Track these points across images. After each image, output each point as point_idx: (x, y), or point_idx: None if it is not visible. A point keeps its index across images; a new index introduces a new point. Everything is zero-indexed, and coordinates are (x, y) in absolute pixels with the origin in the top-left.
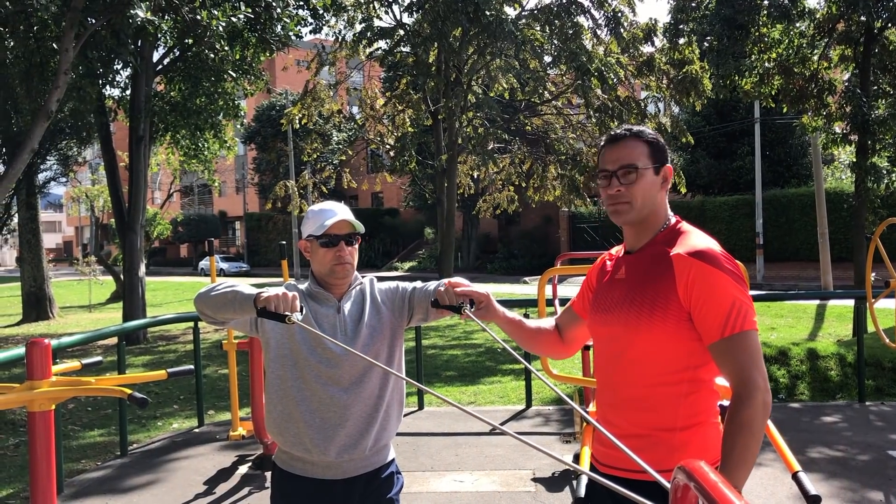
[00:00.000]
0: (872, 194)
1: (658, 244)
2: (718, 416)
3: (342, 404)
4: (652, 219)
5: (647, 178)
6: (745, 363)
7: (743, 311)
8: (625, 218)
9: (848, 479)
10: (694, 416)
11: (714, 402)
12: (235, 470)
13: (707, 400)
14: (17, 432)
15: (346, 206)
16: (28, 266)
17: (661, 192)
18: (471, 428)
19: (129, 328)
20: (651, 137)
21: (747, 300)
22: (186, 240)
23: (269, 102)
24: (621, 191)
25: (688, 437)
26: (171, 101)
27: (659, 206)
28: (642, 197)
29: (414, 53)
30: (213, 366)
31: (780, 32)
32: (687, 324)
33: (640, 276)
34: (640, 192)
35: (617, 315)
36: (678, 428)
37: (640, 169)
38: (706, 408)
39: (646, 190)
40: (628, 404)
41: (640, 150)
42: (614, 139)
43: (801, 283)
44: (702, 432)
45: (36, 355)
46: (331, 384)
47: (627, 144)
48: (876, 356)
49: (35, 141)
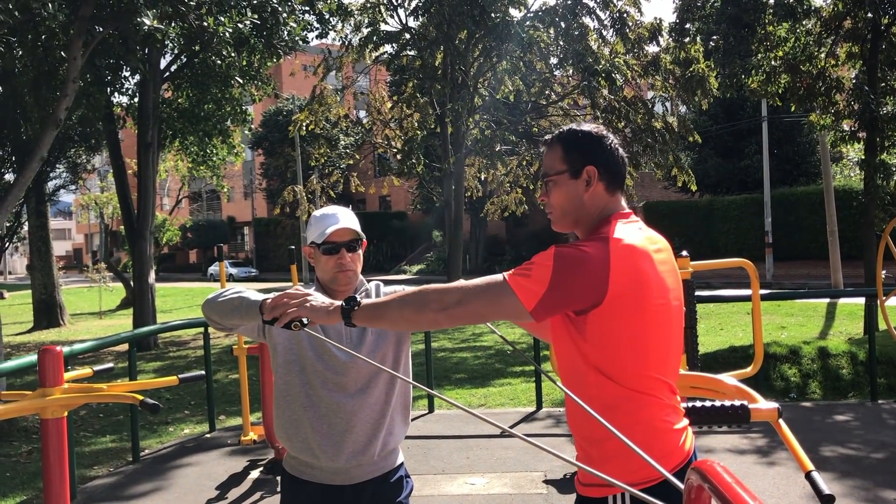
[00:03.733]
0: (882, 191)
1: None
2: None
3: (349, 410)
4: (585, 220)
5: (561, 184)
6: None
7: (528, 269)
8: (555, 226)
9: (861, 478)
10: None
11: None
12: (247, 475)
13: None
14: (30, 439)
15: (352, 210)
16: (38, 273)
17: (587, 193)
18: (482, 430)
19: (140, 334)
20: (570, 137)
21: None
22: (195, 246)
23: (277, 108)
24: (544, 200)
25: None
26: (178, 107)
27: (590, 206)
28: (560, 205)
29: (420, 57)
30: (224, 371)
31: (787, 30)
32: (564, 319)
33: None
34: (557, 200)
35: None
36: (595, 439)
37: (552, 176)
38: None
39: (563, 196)
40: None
41: (555, 155)
42: (543, 144)
43: (811, 282)
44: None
45: (48, 362)
46: (337, 391)
47: (549, 150)
48: (888, 354)
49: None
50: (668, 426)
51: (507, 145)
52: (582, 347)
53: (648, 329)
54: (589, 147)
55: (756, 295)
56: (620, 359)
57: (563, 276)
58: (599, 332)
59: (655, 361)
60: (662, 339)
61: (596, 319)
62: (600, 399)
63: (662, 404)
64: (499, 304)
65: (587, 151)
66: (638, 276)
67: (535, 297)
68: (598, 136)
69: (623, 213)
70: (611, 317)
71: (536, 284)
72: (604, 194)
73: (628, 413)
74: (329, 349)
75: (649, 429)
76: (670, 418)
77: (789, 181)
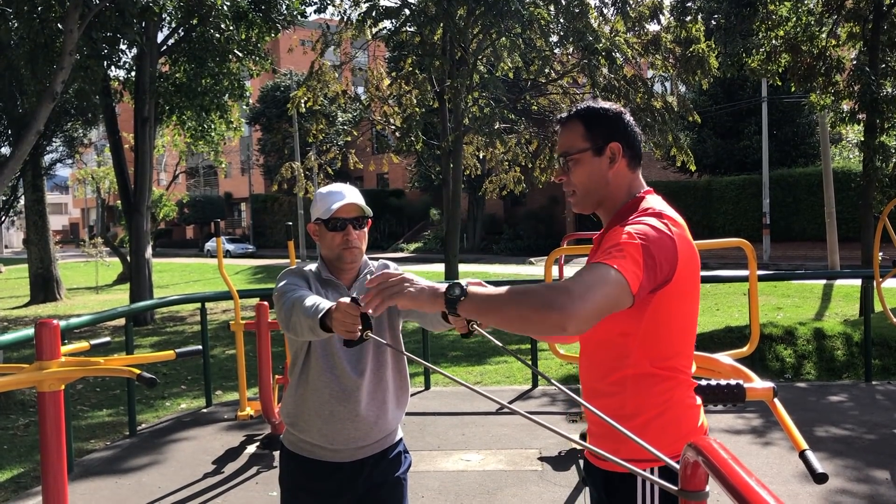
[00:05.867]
0: (880, 173)
1: (615, 220)
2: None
3: (352, 398)
4: (611, 198)
5: (584, 162)
6: (582, 278)
7: (623, 252)
8: (576, 207)
9: (854, 457)
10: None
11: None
12: (243, 449)
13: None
14: (28, 412)
15: (354, 187)
16: (35, 248)
17: (611, 170)
18: (477, 408)
19: (137, 309)
20: (591, 114)
21: (634, 249)
22: (192, 221)
23: (274, 83)
24: (564, 179)
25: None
26: (175, 82)
27: (614, 184)
28: (583, 184)
29: (419, 33)
30: (221, 346)
31: (788, 10)
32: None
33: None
34: (580, 178)
35: None
36: (626, 416)
37: (574, 155)
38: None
39: (586, 175)
40: (588, 393)
41: (576, 133)
42: (559, 123)
43: (808, 263)
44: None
45: (45, 336)
46: (342, 376)
47: (567, 128)
48: (883, 336)
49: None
50: (694, 403)
51: (506, 123)
52: (633, 327)
53: (694, 306)
54: (611, 123)
55: (753, 275)
56: (671, 337)
57: (652, 256)
58: (662, 310)
59: (691, 339)
60: (695, 316)
61: (663, 297)
62: (636, 378)
63: (689, 382)
64: (616, 295)
65: (609, 128)
66: (692, 253)
67: (637, 280)
68: (618, 112)
69: (649, 190)
70: (675, 294)
71: (636, 267)
72: (626, 172)
73: (664, 391)
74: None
75: (682, 406)
76: (694, 396)
77: (788, 162)
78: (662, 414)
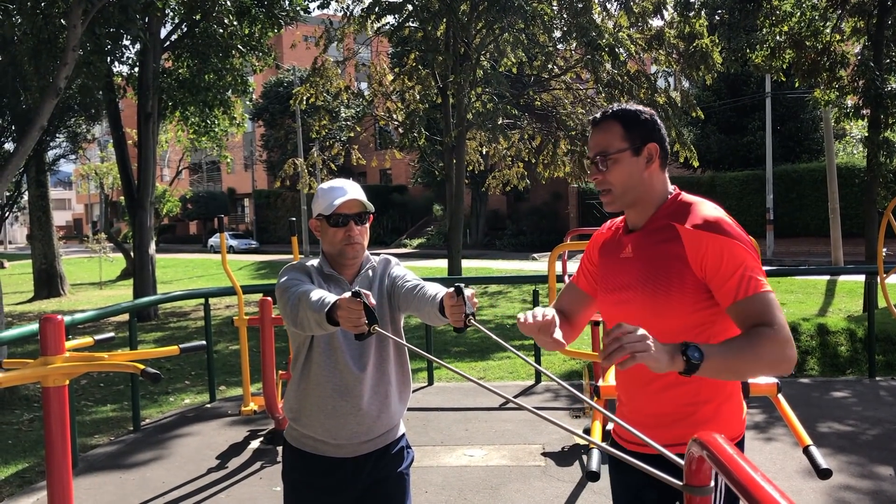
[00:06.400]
0: (885, 169)
1: (661, 219)
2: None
3: (354, 393)
4: (647, 197)
5: (623, 161)
6: (764, 312)
7: (755, 272)
8: (611, 206)
9: (857, 453)
10: (715, 389)
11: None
12: (247, 445)
13: None
14: (32, 408)
15: (357, 183)
16: (39, 243)
17: (648, 170)
18: (480, 403)
19: (141, 304)
20: (629, 115)
21: (757, 264)
22: (195, 217)
23: (277, 79)
24: (599, 178)
25: (712, 410)
26: (179, 77)
27: (650, 185)
28: (622, 182)
29: (422, 28)
30: (224, 342)
31: (792, 5)
32: (705, 294)
33: (649, 254)
34: (618, 177)
35: (633, 295)
36: (701, 402)
37: (613, 154)
38: (731, 382)
39: (625, 174)
40: (650, 384)
41: (614, 133)
42: (593, 123)
43: (812, 259)
44: (727, 405)
45: (49, 331)
46: (345, 371)
47: (603, 128)
48: (887, 331)
49: (44, 118)
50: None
51: (509, 119)
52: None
53: None
54: (648, 125)
55: None
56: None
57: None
58: None
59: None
60: None
61: None
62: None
63: None
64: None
65: (647, 129)
66: None
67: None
68: (653, 114)
69: (677, 188)
70: None
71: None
72: (659, 172)
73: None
74: (336, 332)
75: (738, 391)
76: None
77: (792, 158)
78: (730, 397)
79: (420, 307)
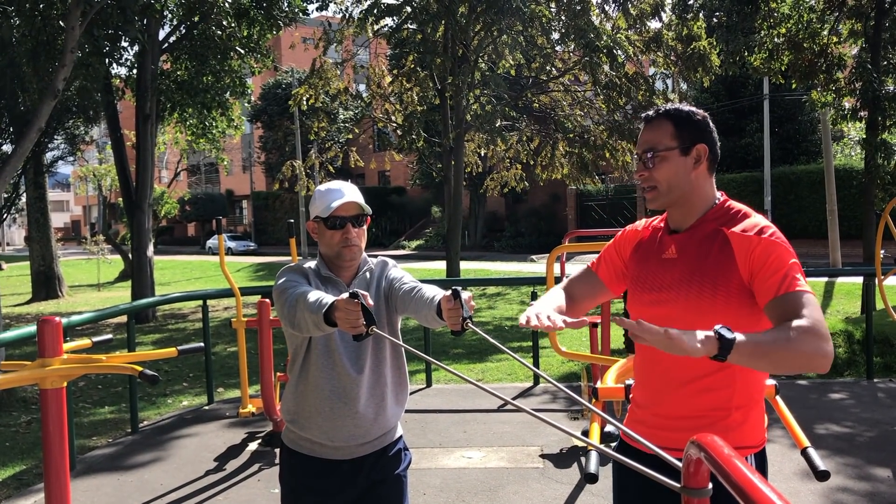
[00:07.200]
0: (882, 171)
1: (709, 222)
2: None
3: (351, 395)
4: (694, 199)
5: (671, 160)
6: (802, 308)
7: (799, 275)
8: (654, 203)
9: (855, 455)
10: (748, 395)
11: (762, 380)
12: (245, 447)
13: (759, 377)
14: (30, 409)
15: (354, 185)
16: (37, 245)
17: (695, 171)
18: (479, 405)
19: (139, 306)
20: (681, 115)
21: (801, 271)
22: (194, 219)
23: (276, 80)
24: (645, 175)
25: (742, 416)
26: (177, 79)
27: (696, 186)
28: (667, 180)
29: (421, 30)
30: (223, 343)
31: (790, 7)
32: (749, 300)
33: (695, 256)
34: (664, 175)
35: (675, 295)
36: (733, 407)
37: (661, 152)
38: (758, 386)
39: (671, 172)
40: (684, 387)
41: (664, 131)
42: (645, 120)
43: (810, 261)
44: (755, 411)
45: (47, 333)
46: (342, 373)
47: (654, 125)
48: (884, 333)
49: (42, 120)
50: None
51: (507, 121)
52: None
53: None
54: (699, 126)
55: None
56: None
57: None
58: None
59: None
60: None
61: None
62: (743, 372)
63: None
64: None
65: (698, 130)
66: None
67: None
68: (705, 117)
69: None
70: None
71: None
72: (706, 175)
73: (758, 382)
74: (333, 334)
75: (762, 399)
76: None
77: (790, 160)
78: (758, 402)
79: (417, 309)
